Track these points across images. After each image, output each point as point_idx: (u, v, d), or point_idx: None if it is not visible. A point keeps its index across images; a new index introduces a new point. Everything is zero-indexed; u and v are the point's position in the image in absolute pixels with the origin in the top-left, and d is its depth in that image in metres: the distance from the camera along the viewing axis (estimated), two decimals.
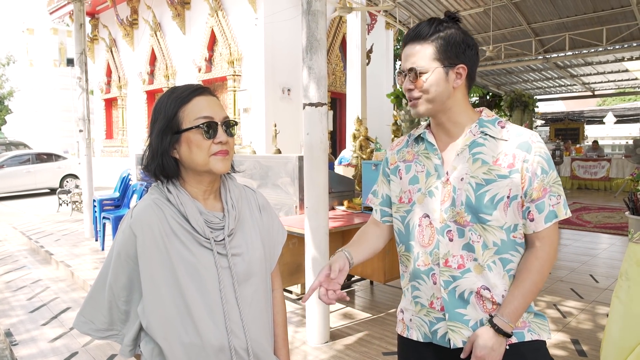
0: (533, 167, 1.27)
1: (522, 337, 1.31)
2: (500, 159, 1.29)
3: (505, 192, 1.27)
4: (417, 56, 1.30)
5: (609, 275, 5.05)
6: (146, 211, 1.19)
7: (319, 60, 3.27)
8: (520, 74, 15.37)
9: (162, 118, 1.20)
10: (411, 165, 1.43)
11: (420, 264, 1.37)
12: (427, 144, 1.40)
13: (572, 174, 13.88)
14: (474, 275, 1.30)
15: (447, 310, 1.32)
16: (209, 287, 1.18)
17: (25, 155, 13.93)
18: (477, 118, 1.36)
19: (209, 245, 1.20)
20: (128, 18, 13.47)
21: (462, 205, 1.30)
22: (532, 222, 1.30)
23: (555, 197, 1.29)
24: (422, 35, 1.31)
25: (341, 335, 3.59)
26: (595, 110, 23.10)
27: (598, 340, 3.35)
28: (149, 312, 1.16)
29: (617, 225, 7.79)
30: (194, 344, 1.16)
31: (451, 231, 1.31)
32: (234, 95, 10.54)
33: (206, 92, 1.23)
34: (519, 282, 1.29)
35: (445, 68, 1.30)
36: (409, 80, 1.32)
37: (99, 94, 15.66)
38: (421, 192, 1.37)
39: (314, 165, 3.33)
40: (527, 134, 1.31)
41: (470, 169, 1.30)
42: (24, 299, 4.69)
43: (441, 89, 1.30)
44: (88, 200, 7.23)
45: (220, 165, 1.21)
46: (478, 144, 1.32)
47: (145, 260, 1.16)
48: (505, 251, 1.30)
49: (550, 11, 10.81)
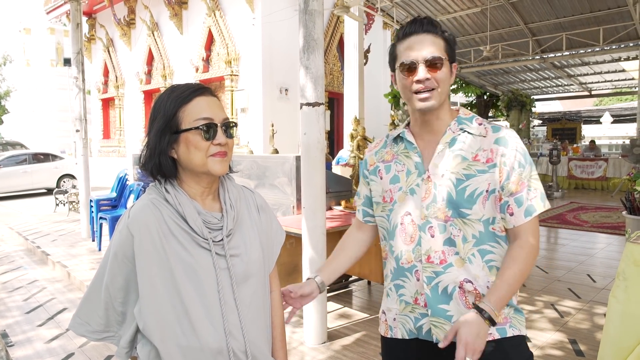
0: (510, 161, 1.30)
1: (505, 333, 1.32)
2: (479, 155, 1.32)
3: (485, 187, 1.30)
4: (434, 46, 1.31)
5: (607, 274, 5.06)
6: (144, 211, 1.18)
7: (316, 60, 3.26)
8: (517, 73, 15.40)
9: (161, 117, 1.18)
10: (391, 165, 1.45)
11: (403, 261, 1.39)
12: (407, 143, 1.42)
13: (569, 174, 13.91)
14: (456, 269, 1.31)
15: (430, 306, 1.34)
16: (207, 288, 1.16)
17: (22, 155, 13.89)
18: (456, 116, 1.40)
19: (207, 245, 1.18)
20: (125, 18, 13.44)
21: (443, 200, 1.32)
22: (512, 216, 1.31)
23: (533, 191, 1.31)
24: (434, 28, 1.33)
25: (339, 336, 3.59)
26: (592, 110, 23.17)
27: (596, 340, 3.35)
28: (145, 313, 1.14)
29: (614, 225, 7.81)
30: (191, 347, 1.14)
31: (432, 227, 1.33)
32: (232, 95, 10.53)
33: (207, 92, 1.22)
34: (504, 271, 1.30)
35: (450, 63, 1.35)
36: (425, 70, 1.30)
37: (96, 93, 15.62)
38: (402, 191, 1.40)
39: (311, 165, 3.33)
40: (504, 131, 1.35)
41: (451, 165, 1.33)
42: (20, 300, 4.67)
43: (448, 83, 1.35)
44: (85, 200, 7.20)
45: (219, 167, 1.19)
46: (457, 140, 1.35)
47: (142, 261, 1.14)
48: (483, 242, 1.32)
49: (547, 11, 10.83)
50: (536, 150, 17.67)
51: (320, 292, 1.47)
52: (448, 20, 11.99)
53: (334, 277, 1.53)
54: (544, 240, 7.09)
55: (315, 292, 1.46)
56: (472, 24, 12.06)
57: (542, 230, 7.69)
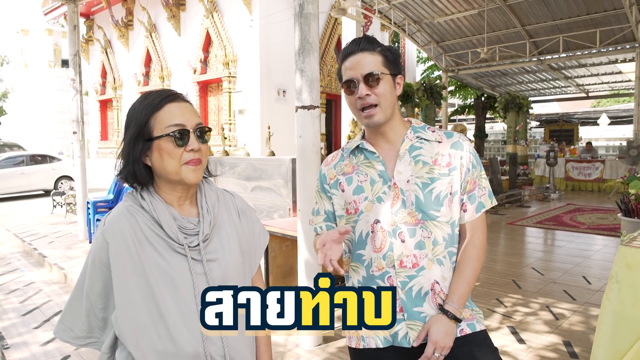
0: (466, 162, 1.42)
1: (474, 328, 1.42)
2: (438, 159, 1.41)
3: (448, 189, 1.40)
4: (371, 64, 1.38)
5: (602, 276, 5.07)
6: (119, 218, 1.18)
7: (311, 63, 3.27)
8: (514, 75, 15.44)
9: (133, 125, 1.19)
10: (352, 176, 1.47)
11: (374, 269, 1.41)
12: (368, 153, 1.46)
13: (566, 175, 13.94)
14: (427, 271, 1.38)
15: (406, 310, 1.38)
16: (183, 293, 1.17)
17: (19, 157, 13.87)
18: (410, 126, 1.48)
19: (182, 251, 1.19)
20: (123, 19, 13.45)
21: (412, 205, 1.38)
22: (465, 212, 1.43)
23: (483, 189, 1.44)
24: (370, 45, 1.41)
25: (334, 338, 3.60)
26: (589, 111, 23.21)
27: (590, 343, 3.36)
28: (121, 319, 1.15)
29: (610, 226, 7.82)
30: (168, 352, 1.14)
31: (402, 232, 1.38)
32: (229, 97, 10.54)
33: (178, 98, 1.22)
34: (462, 270, 1.40)
35: (392, 76, 1.42)
36: (365, 86, 1.37)
37: (94, 95, 15.62)
38: (369, 200, 1.42)
39: (306, 168, 3.34)
40: (456, 135, 1.45)
41: (414, 170, 1.40)
42: (17, 302, 4.67)
43: (391, 96, 1.41)
44: (82, 202, 7.20)
45: (192, 176, 1.19)
46: (416, 147, 1.43)
47: (117, 268, 1.15)
48: (451, 245, 1.42)
49: (544, 13, 10.87)
50: (533, 152, 17.71)
51: None
52: (445, 22, 12.03)
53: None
54: (540, 241, 7.12)
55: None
56: (469, 25, 12.09)
57: (539, 232, 7.72)
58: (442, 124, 15.13)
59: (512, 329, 3.72)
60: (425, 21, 12.06)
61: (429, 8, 11.34)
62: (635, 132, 10.91)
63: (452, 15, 11.43)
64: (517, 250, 6.48)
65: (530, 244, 6.94)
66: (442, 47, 13.48)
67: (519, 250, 6.54)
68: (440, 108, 13.19)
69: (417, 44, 13.13)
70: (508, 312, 4.07)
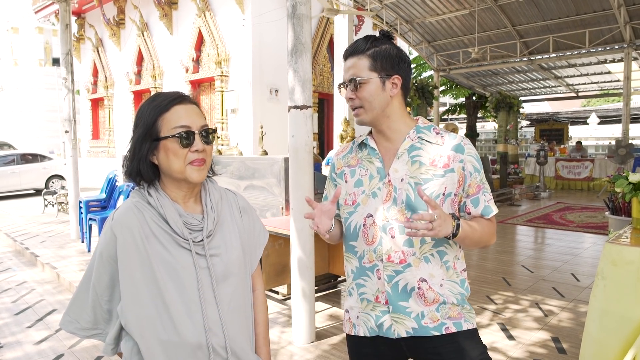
0: (468, 166, 1.44)
1: (460, 327, 1.45)
2: (436, 160, 1.43)
3: (441, 190, 1.42)
4: (356, 68, 1.45)
5: (590, 274, 5.14)
6: (127, 214, 1.24)
7: (304, 64, 3.30)
8: (505, 75, 15.55)
9: (142, 125, 1.25)
10: (355, 169, 1.55)
11: (365, 261, 1.49)
12: (370, 149, 1.53)
13: (556, 174, 14.08)
14: (414, 269, 1.43)
15: (391, 303, 1.44)
16: (187, 286, 1.22)
17: (9, 156, 13.75)
18: (415, 125, 1.50)
19: (187, 245, 1.24)
20: (115, 18, 13.38)
21: (402, 203, 1.42)
22: (469, 214, 1.48)
23: (488, 194, 1.48)
24: (359, 49, 1.45)
25: (327, 335, 3.63)
26: (579, 111, 23.40)
27: (578, 338, 3.43)
28: (127, 310, 1.20)
29: (599, 224, 7.93)
30: (172, 342, 1.20)
31: (393, 228, 1.43)
32: (222, 96, 10.53)
33: (186, 100, 1.27)
34: (479, 222, 1.45)
35: (382, 78, 1.44)
36: (350, 90, 1.46)
37: (85, 94, 15.52)
38: (365, 194, 1.49)
39: (299, 168, 3.37)
40: (460, 139, 1.46)
41: (410, 170, 1.44)
42: (9, 302, 4.66)
43: (379, 98, 1.45)
44: (74, 201, 7.18)
45: (196, 175, 1.25)
46: (416, 147, 1.46)
47: (124, 261, 1.20)
48: (441, 244, 1.45)
49: (535, 14, 10.97)
50: (524, 151, 17.85)
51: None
52: (437, 22, 12.09)
53: (337, 230, 1.58)
54: (531, 240, 7.20)
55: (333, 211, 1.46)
56: (460, 25, 12.17)
57: (529, 230, 7.82)
58: None
59: (502, 325, 3.78)
60: (417, 21, 12.12)
61: (421, 8, 11.40)
62: (624, 131, 11.04)
63: (444, 15, 11.50)
64: (507, 248, 6.56)
65: (521, 242, 7.02)
66: (433, 46, 13.55)
67: (509, 248, 6.62)
68: (432, 107, 13.25)
69: (409, 44, 13.20)
70: (498, 309, 4.13)
